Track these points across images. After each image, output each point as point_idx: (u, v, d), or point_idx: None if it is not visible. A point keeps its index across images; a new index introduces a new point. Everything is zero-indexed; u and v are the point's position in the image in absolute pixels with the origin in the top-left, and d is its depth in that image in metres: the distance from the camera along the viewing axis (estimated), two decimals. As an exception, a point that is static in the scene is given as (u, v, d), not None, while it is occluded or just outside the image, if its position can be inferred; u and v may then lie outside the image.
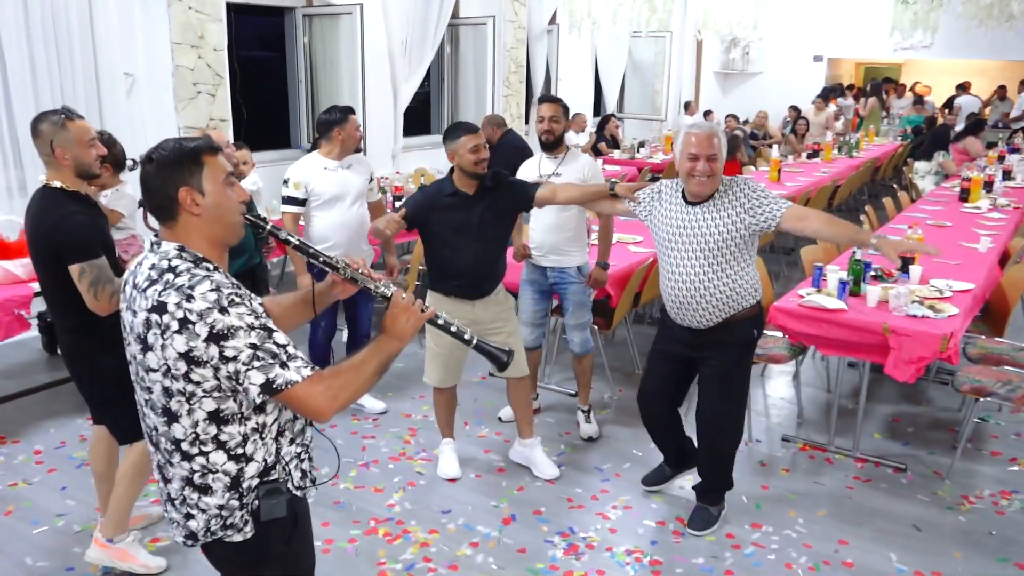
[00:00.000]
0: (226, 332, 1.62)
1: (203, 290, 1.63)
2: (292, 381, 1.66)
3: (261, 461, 1.78)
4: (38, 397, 4.59)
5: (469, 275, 3.61)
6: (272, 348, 1.66)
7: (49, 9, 5.23)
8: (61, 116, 2.81)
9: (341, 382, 1.73)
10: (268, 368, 1.65)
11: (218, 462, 1.74)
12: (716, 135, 3.13)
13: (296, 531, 1.90)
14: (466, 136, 3.48)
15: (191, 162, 1.73)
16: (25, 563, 3.16)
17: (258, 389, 1.65)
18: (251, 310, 1.67)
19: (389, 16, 7.90)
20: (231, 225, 1.79)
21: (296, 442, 1.88)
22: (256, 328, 1.65)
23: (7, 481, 3.75)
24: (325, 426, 4.27)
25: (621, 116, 12.80)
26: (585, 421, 4.34)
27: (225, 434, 1.73)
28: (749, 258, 3.20)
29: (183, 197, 1.72)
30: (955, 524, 3.56)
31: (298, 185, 4.14)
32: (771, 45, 15.03)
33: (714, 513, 3.50)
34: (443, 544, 3.35)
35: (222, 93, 6.41)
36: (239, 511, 1.79)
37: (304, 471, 1.92)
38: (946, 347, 3.62)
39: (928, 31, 11.49)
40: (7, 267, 4.04)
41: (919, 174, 9.48)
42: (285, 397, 1.68)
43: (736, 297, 3.18)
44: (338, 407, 1.73)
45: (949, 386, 4.41)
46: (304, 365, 1.69)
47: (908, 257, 4.62)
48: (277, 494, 1.81)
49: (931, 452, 4.18)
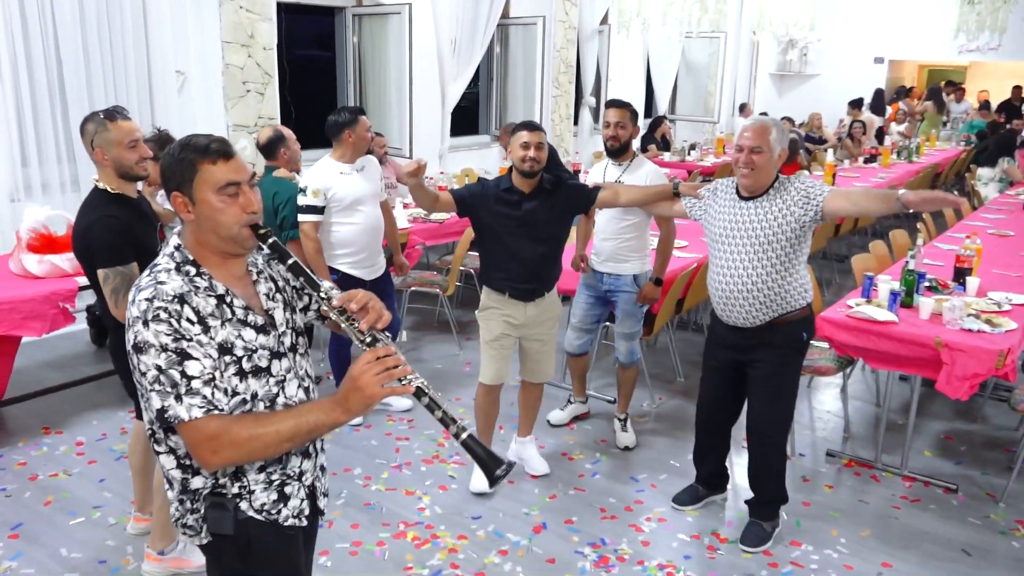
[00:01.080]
0: (142, 345, 1.58)
1: (141, 296, 1.61)
2: (179, 418, 1.56)
3: (208, 476, 1.71)
4: (83, 389, 4.68)
5: (519, 274, 3.57)
6: (174, 376, 1.56)
7: (104, 8, 5.35)
8: (105, 115, 2.80)
9: (234, 439, 1.57)
10: (164, 396, 1.57)
11: (167, 465, 1.72)
12: (767, 128, 3.07)
13: (253, 556, 1.76)
14: (522, 132, 3.47)
15: (185, 167, 1.68)
16: (60, 554, 3.21)
17: (155, 414, 1.58)
18: (172, 330, 1.57)
19: (438, 16, 7.90)
20: (228, 238, 1.69)
21: (270, 471, 1.75)
22: (169, 350, 1.57)
23: (48, 471, 3.82)
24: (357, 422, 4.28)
25: (673, 118, 12.63)
26: (622, 430, 4.26)
27: (172, 441, 1.69)
28: (800, 257, 3.14)
29: (176, 201, 1.70)
30: (1008, 550, 3.38)
31: (317, 192, 4.00)
32: (830, 46, 14.67)
33: (768, 529, 3.39)
34: (471, 551, 3.30)
35: (271, 92, 6.47)
36: (191, 514, 1.74)
37: (286, 495, 1.78)
38: (1003, 364, 3.45)
39: (996, 32, 11.08)
40: (54, 261, 4.13)
41: (982, 180, 9.13)
42: (179, 431, 1.60)
43: (784, 296, 3.12)
44: (220, 463, 1.60)
45: (1006, 404, 4.21)
46: (200, 405, 1.56)
47: (965, 268, 4.44)
48: (220, 509, 1.71)
49: (985, 473, 4.00)
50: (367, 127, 4.09)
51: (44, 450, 4.02)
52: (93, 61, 5.32)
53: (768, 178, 3.10)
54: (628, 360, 4.19)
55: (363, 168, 4.16)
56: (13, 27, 4.95)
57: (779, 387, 3.28)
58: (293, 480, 1.81)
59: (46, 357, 5.12)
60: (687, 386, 4.96)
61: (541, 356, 3.76)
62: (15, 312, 3.87)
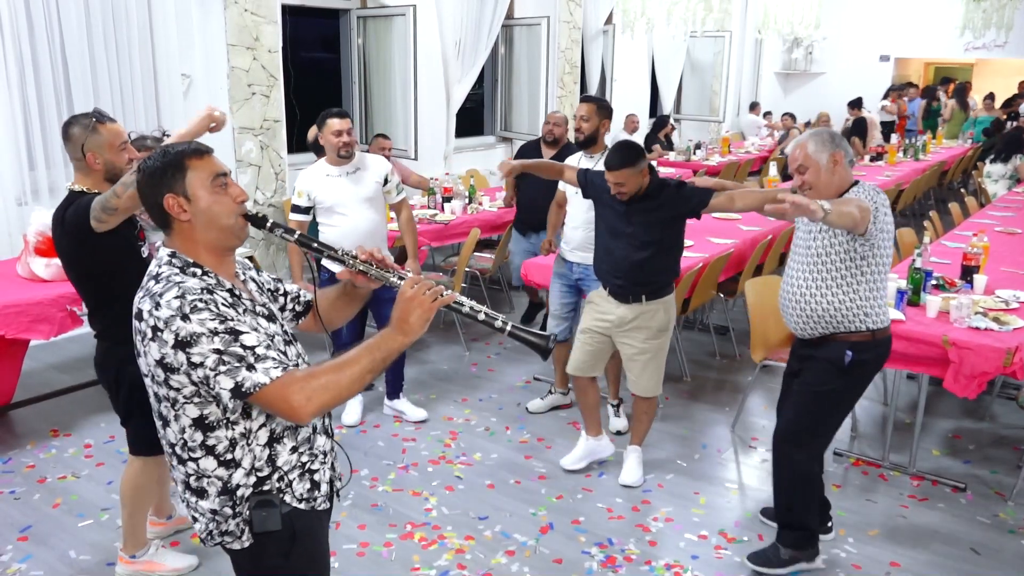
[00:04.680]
0: (189, 339, 1.60)
1: (168, 297, 1.63)
2: (260, 383, 1.60)
3: (249, 467, 1.74)
4: (91, 391, 4.69)
5: (615, 275, 3.62)
6: (238, 351, 1.61)
7: (110, 11, 5.36)
8: (92, 119, 2.78)
9: (319, 383, 1.62)
10: (235, 372, 1.60)
11: (208, 468, 1.73)
12: (803, 144, 2.95)
13: (296, 547, 1.82)
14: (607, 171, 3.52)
15: (173, 168, 1.71)
16: (69, 556, 3.22)
17: (229, 394, 1.61)
18: (216, 315, 1.62)
19: (442, 17, 7.90)
20: (227, 228, 1.74)
21: (300, 451, 1.81)
22: (220, 332, 1.61)
23: (57, 473, 3.84)
24: (358, 424, 4.29)
25: (678, 117, 12.61)
26: (615, 415, 4.36)
27: (212, 439, 1.71)
28: (862, 276, 2.92)
29: (169, 205, 1.71)
30: (1018, 549, 3.37)
31: (301, 193, 4.09)
32: (835, 45, 14.63)
33: (783, 556, 3.15)
34: (478, 551, 3.30)
35: (276, 94, 6.49)
36: (233, 519, 1.76)
37: (315, 482, 1.85)
38: (1010, 362, 3.43)
39: (1002, 29, 11.04)
40: (60, 264, 4.13)
41: (991, 178, 9.09)
42: (258, 400, 1.62)
43: (836, 315, 2.94)
44: (315, 408, 1.62)
45: (1015, 402, 4.20)
46: (275, 366, 1.62)
47: (972, 266, 4.42)
48: (269, 506, 1.75)
49: (993, 471, 3.98)
50: (334, 130, 4.02)
51: (52, 452, 4.04)
52: (99, 65, 5.34)
53: (829, 189, 2.92)
54: None
55: (356, 171, 4.12)
56: (19, 31, 4.97)
57: (808, 405, 3.07)
58: (319, 460, 1.86)
59: (54, 360, 5.15)
60: (693, 386, 4.95)
61: (633, 365, 3.68)
62: (23, 315, 3.89)
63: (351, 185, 4.11)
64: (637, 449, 3.89)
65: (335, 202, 4.08)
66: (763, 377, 4.77)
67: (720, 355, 5.48)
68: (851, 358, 2.97)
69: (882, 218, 2.86)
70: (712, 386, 5.03)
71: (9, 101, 4.97)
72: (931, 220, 6.51)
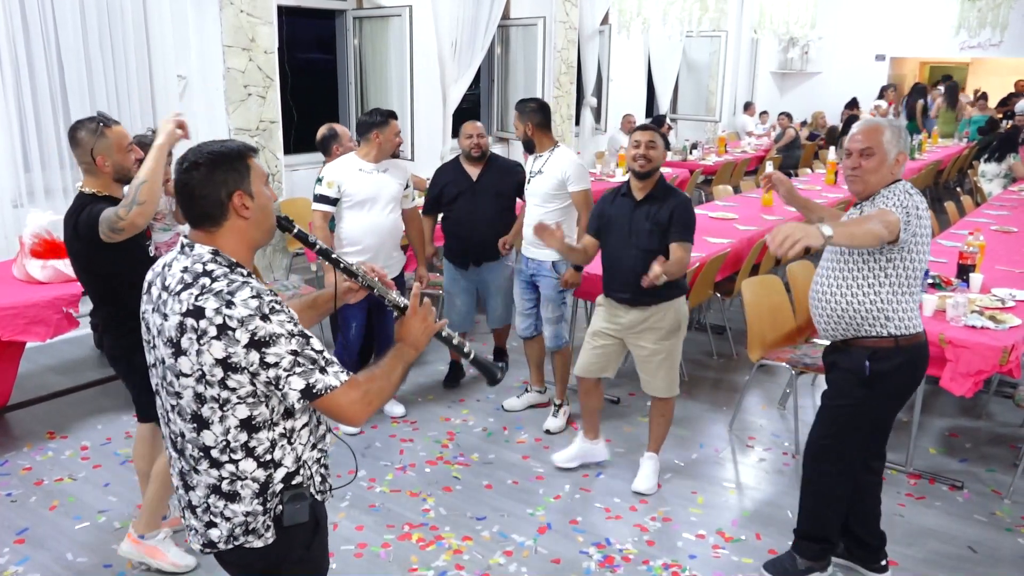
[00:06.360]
0: (268, 339, 1.63)
1: (244, 296, 1.64)
2: (331, 386, 1.67)
3: (291, 465, 1.79)
4: (88, 393, 4.69)
5: (616, 279, 3.63)
6: (312, 354, 1.67)
7: (105, 12, 5.36)
8: (98, 123, 2.83)
9: (376, 387, 1.75)
10: (309, 373, 1.66)
11: (247, 469, 1.74)
12: (879, 129, 2.76)
13: (317, 537, 1.90)
14: (636, 132, 3.57)
15: (241, 164, 1.74)
16: (66, 558, 3.21)
17: (298, 395, 1.66)
18: (290, 317, 1.68)
19: (439, 17, 7.90)
20: (271, 228, 1.83)
21: (318, 447, 1.88)
22: (296, 335, 1.66)
23: (54, 476, 3.83)
24: (357, 429, 4.28)
25: (675, 117, 12.62)
26: (552, 415, 4.38)
27: (255, 440, 1.73)
28: (884, 278, 2.74)
29: (236, 201, 1.73)
30: (1014, 547, 3.38)
31: (331, 184, 4.08)
32: (831, 44, 14.66)
33: (799, 566, 3.09)
34: (476, 552, 3.30)
35: (272, 95, 6.48)
36: (262, 516, 1.78)
37: (324, 476, 1.91)
38: (1006, 360, 3.44)
39: (997, 28, 11.06)
40: (57, 266, 4.13)
41: (986, 177, 9.10)
42: (322, 403, 1.69)
43: (856, 316, 2.79)
44: (371, 412, 1.75)
45: (1011, 400, 4.21)
46: (341, 371, 1.70)
47: (968, 264, 4.43)
48: (301, 499, 1.80)
49: (990, 469, 3.99)
50: (396, 131, 4.14)
51: (49, 455, 4.03)
52: (95, 66, 5.34)
53: (877, 182, 2.76)
54: (553, 344, 4.31)
55: (387, 170, 4.17)
56: (15, 32, 4.96)
57: (827, 420, 2.97)
58: (326, 456, 1.93)
59: (50, 362, 5.13)
60: (690, 385, 4.95)
61: (647, 366, 3.68)
62: (19, 317, 3.88)
63: (383, 183, 4.14)
64: (654, 457, 3.83)
65: (367, 196, 4.09)
66: (760, 376, 4.77)
67: (717, 355, 5.48)
68: (870, 368, 2.80)
69: (915, 222, 2.67)
70: (709, 386, 5.03)
71: (4, 103, 4.96)
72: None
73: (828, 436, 2.98)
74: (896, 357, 2.81)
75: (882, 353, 2.80)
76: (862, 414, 2.90)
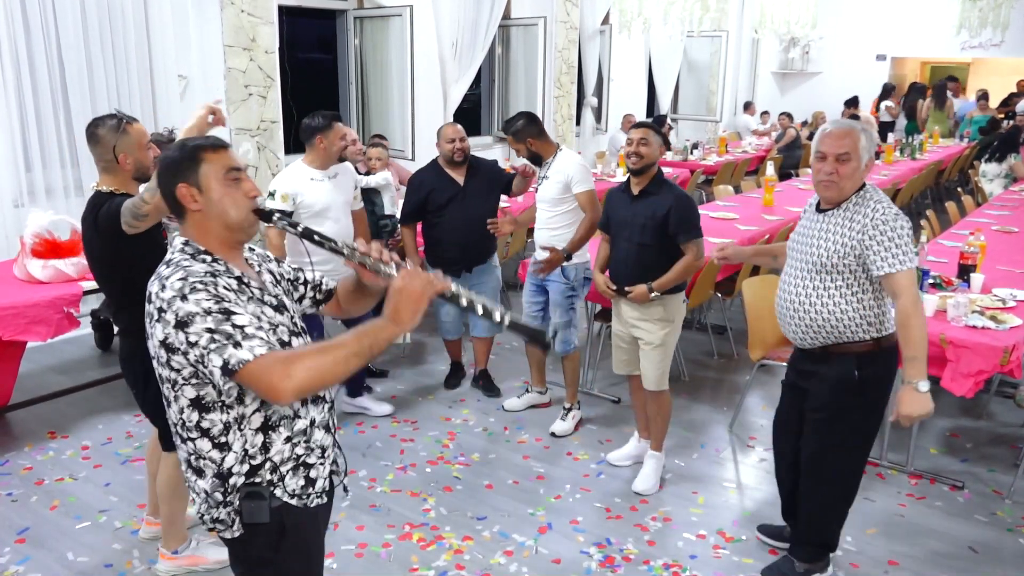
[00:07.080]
0: (187, 319, 1.64)
1: (172, 279, 1.68)
2: (243, 360, 1.60)
3: (241, 452, 1.77)
4: (89, 393, 4.69)
5: (613, 272, 3.73)
6: (227, 330, 1.63)
7: (106, 12, 5.36)
8: (119, 121, 2.81)
9: (303, 364, 1.60)
10: (223, 349, 1.62)
11: (203, 449, 1.78)
12: (854, 133, 2.72)
13: (286, 541, 1.83)
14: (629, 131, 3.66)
15: (189, 160, 1.78)
16: (66, 558, 3.21)
17: (219, 371, 1.63)
18: (212, 295, 1.66)
19: (439, 17, 7.90)
20: (236, 221, 1.79)
21: (295, 442, 1.82)
22: (213, 312, 1.64)
23: (55, 476, 3.83)
24: (353, 430, 4.29)
25: (675, 117, 12.62)
26: (560, 418, 4.36)
27: (207, 421, 1.75)
28: (867, 284, 2.74)
29: (181, 194, 1.78)
30: (1015, 547, 3.37)
31: (285, 197, 3.88)
32: (832, 44, 14.65)
33: (797, 569, 3.08)
34: (477, 552, 3.30)
35: (273, 95, 6.48)
36: (223, 507, 1.79)
37: (310, 478, 1.86)
38: (1007, 360, 3.44)
39: (998, 28, 11.05)
40: (58, 266, 4.13)
41: (987, 177, 9.10)
42: (241, 378, 1.63)
43: (837, 324, 2.77)
44: (296, 387, 1.60)
45: (1012, 400, 4.21)
46: (260, 344, 1.63)
47: (969, 264, 4.43)
48: (257, 498, 1.77)
49: (991, 470, 3.99)
50: (341, 134, 3.97)
51: (50, 454, 4.03)
52: (95, 66, 5.33)
53: (852, 189, 2.74)
54: (562, 349, 4.29)
55: (336, 176, 4.05)
56: (15, 31, 4.96)
57: (832, 427, 2.90)
58: (316, 455, 1.87)
59: (51, 362, 5.14)
60: (691, 386, 4.95)
61: (643, 356, 3.71)
62: (20, 317, 3.88)
63: (335, 189, 4.04)
64: (655, 456, 3.83)
65: (324, 205, 3.98)
66: (761, 376, 4.77)
67: (718, 355, 5.48)
68: (859, 375, 2.79)
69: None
70: (710, 386, 5.03)
71: (5, 102, 4.96)
72: (928, 219, 6.53)
73: (830, 454, 2.94)
74: (879, 358, 2.83)
75: (867, 358, 2.81)
76: (861, 421, 2.90)
